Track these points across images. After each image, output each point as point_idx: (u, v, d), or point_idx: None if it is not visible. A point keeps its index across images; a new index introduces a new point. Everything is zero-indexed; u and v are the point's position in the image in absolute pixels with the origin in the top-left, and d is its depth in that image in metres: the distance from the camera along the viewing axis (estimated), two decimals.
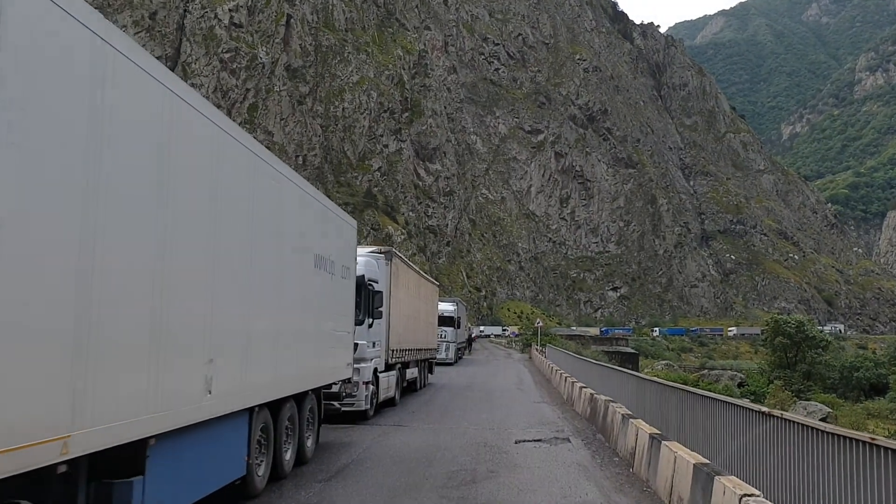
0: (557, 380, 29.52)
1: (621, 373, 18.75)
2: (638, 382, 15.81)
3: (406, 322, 22.72)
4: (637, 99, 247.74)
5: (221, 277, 7.59)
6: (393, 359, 20.21)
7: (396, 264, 20.81)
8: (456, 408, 21.50)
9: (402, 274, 22.11)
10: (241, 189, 8.21)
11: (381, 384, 18.96)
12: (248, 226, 8.32)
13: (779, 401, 45.63)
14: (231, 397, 7.89)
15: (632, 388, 16.13)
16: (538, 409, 21.68)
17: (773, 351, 60.40)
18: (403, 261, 22.64)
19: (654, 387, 13.95)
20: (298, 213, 10.50)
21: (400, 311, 21.33)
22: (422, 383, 27.92)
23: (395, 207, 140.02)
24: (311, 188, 11.33)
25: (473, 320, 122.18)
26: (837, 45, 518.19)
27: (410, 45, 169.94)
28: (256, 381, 8.65)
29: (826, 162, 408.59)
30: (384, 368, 19.24)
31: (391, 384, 20.51)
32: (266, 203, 9.01)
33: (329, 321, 12.08)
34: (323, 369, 12.02)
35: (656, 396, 13.56)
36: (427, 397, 25.04)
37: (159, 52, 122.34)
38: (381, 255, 19.61)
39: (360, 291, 16.05)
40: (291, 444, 10.78)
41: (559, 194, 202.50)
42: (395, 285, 20.52)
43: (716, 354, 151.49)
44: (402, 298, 21.70)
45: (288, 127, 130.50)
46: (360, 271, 16.08)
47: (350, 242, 14.04)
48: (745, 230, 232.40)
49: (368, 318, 16.93)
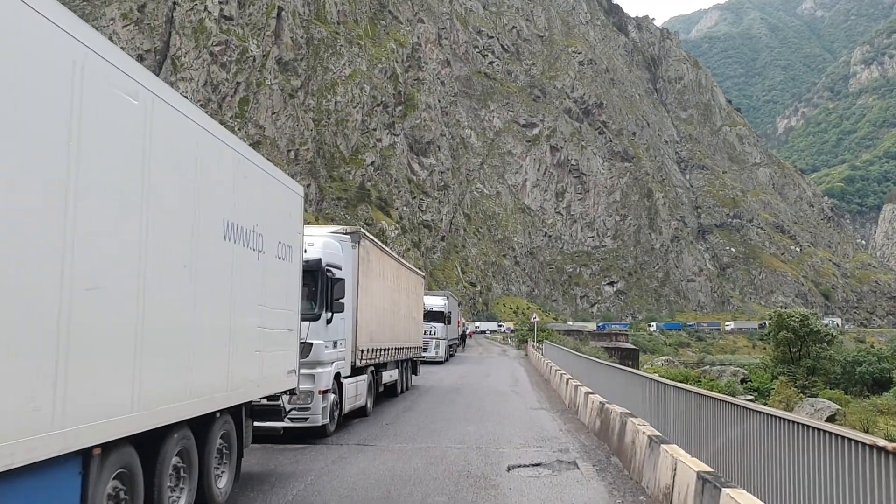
0: (557, 381, 26.39)
1: (635, 376, 15.96)
2: (658, 389, 12.85)
3: (381, 317, 19.41)
4: (632, 92, 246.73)
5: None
6: (363, 360, 16.92)
7: (366, 248, 17.40)
8: (439, 417, 18.36)
9: (376, 260, 18.72)
10: None
11: (347, 392, 15.74)
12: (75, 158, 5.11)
13: (784, 397, 44.06)
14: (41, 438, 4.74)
15: (649, 396, 13.34)
16: (536, 419, 18.72)
17: (776, 346, 58.59)
18: (376, 245, 19.08)
19: (682, 396, 11.11)
20: (183, 150, 7.07)
21: (372, 303, 18.13)
22: (404, 386, 24.64)
23: (389, 202, 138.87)
24: (213, 124, 7.93)
25: (468, 316, 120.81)
26: (832, 38, 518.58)
27: (403, 39, 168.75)
28: (95, 408, 5.37)
29: (822, 155, 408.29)
30: (350, 372, 16.01)
31: (361, 391, 17.26)
32: (119, 127, 5.79)
33: (252, 315, 8.80)
34: (244, 381, 8.60)
35: (684, 407, 10.78)
36: (407, 403, 21.78)
37: (148, 46, 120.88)
38: (347, 237, 16.20)
39: (316, 279, 13.62)
40: (185, 489, 7.49)
41: (555, 188, 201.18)
42: (366, 273, 17.14)
43: (714, 349, 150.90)
44: (375, 289, 18.49)
45: (280, 121, 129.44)
46: (316, 254, 13.62)
47: (292, 213, 10.72)
48: (742, 224, 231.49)
49: (326, 313, 13.88)
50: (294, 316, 10.74)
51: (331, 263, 14.23)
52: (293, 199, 10.87)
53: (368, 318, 17.44)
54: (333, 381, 14.50)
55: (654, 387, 13.24)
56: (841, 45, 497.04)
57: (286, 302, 10.28)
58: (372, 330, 17.94)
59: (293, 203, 10.85)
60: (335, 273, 14.31)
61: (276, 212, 9.91)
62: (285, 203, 10.42)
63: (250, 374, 8.84)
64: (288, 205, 10.55)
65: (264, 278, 9.20)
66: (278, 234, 9.79)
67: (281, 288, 10.03)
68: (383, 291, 19.76)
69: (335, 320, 14.29)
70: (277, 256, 9.72)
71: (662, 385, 12.67)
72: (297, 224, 11.03)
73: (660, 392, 12.63)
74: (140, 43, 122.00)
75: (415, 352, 26.35)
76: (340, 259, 15.08)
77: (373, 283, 18.07)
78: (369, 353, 17.61)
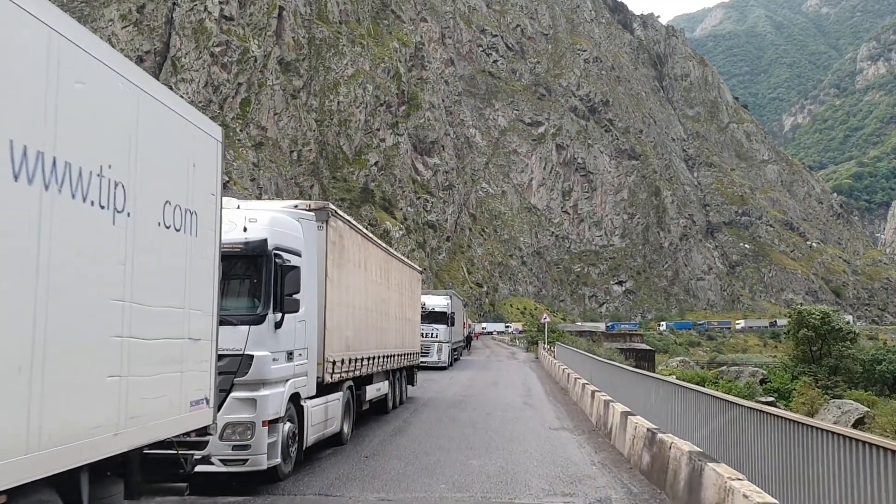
0: (578, 391, 22.48)
1: (679, 388, 12.47)
2: (724, 409, 9.40)
3: (363, 319, 15.67)
4: (639, 90, 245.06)
5: None
6: (335, 375, 13.18)
7: (339, 230, 13.54)
8: (436, 444, 14.45)
9: (354, 248, 14.77)
10: None
11: (311, 417, 12.00)
12: None
13: (808, 399, 41.91)
14: None
15: (711, 417, 9.89)
16: (558, 446, 14.70)
17: (796, 344, 56.18)
18: (355, 228, 15.09)
19: (771, 424, 7.85)
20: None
21: (349, 302, 14.37)
22: (397, 400, 20.83)
23: (393, 203, 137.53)
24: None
25: (475, 317, 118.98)
26: (838, 35, 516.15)
27: (406, 38, 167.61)
28: None
29: (829, 153, 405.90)
30: (315, 392, 12.28)
31: (333, 413, 13.40)
32: None
33: (98, 318, 5.32)
34: (80, 430, 5.13)
35: (776, 440, 7.61)
36: (399, 423, 17.72)
37: (148, 47, 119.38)
38: (310, 215, 12.42)
39: (259, 268, 10.28)
40: None
41: (561, 187, 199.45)
42: (338, 263, 13.44)
43: (725, 348, 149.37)
44: (353, 284, 14.69)
45: (282, 122, 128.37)
46: (259, 233, 10.30)
47: (199, 165, 7.13)
48: (751, 221, 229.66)
49: (274, 313, 10.39)
50: (203, 318, 7.20)
51: (282, 247, 10.77)
52: (201, 144, 7.26)
53: (343, 320, 13.87)
54: (289, 406, 10.97)
55: (719, 406, 9.54)
56: (847, 41, 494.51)
57: (185, 297, 6.76)
58: (348, 336, 14.24)
59: (202, 149, 7.25)
60: (289, 260, 10.87)
61: (163, 155, 6.41)
62: (183, 146, 6.88)
63: (94, 416, 5.29)
64: (190, 150, 6.99)
65: (131, 256, 5.68)
66: (166, 191, 6.38)
67: (172, 274, 6.55)
68: (366, 287, 16.06)
69: (289, 324, 10.80)
70: (164, 224, 6.32)
71: (733, 406, 9.02)
72: (210, 181, 7.42)
73: (730, 414, 8.98)
74: (139, 44, 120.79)
75: (411, 359, 22.61)
76: (299, 242, 11.54)
77: (350, 277, 14.46)
78: (345, 364, 13.89)
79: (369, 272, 16.38)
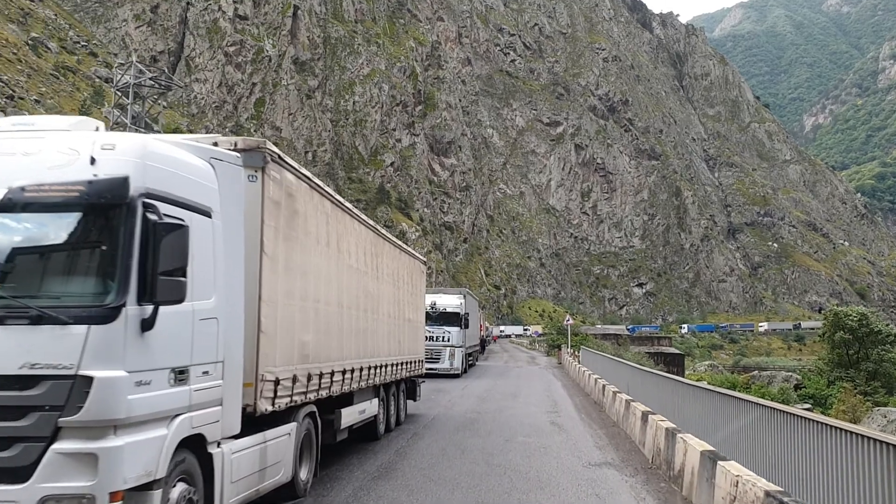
0: (619, 408, 18.58)
1: (813, 423, 7.60)
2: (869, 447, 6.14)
3: (333, 318, 11.23)
4: (658, 89, 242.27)
5: None
6: (280, 400, 8.91)
7: (286, 186, 9.19)
8: (432, 497, 10.45)
9: (314, 215, 10.34)
10: None
11: (233, 470, 7.61)
12: None
13: (849, 406, 39.30)
14: None
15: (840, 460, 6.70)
16: (608, 499, 10.66)
17: (831, 348, 53.59)
18: (315, 186, 10.38)
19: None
20: None
21: (308, 292, 10.01)
22: (391, 421, 16.63)
23: (409, 204, 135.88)
24: None
25: (492, 319, 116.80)
26: (859, 34, 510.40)
27: (423, 37, 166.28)
28: None
29: (851, 153, 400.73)
30: (241, 429, 7.94)
31: (278, 457, 8.91)
32: None
33: None
34: None
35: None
36: (387, 457, 13.32)
37: (161, 47, 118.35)
38: (233, 156, 8.04)
39: (113, 225, 6.16)
40: None
41: (580, 188, 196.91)
42: (284, 234, 9.10)
43: (748, 351, 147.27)
44: (313, 268, 10.26)
45: (296, 122, 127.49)
46: (117, 168, 6.20)
47: None
48: (773, 222, 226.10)
49: (139, 304, 6.17)
50: None
51: (163, 194, 6.55)
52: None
53: (296, 319, 9.57)
54: (181, 458, 6.70)
55: (874, 447, 6.05)
56: (868, 40, 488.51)
57: None
58: (306, 341, 9.91)
59: None
60: (176, 218, 6.64)
61: None
62: None
63: None
64: None
65: None
66: None
67: None
68: (339, 275, 11.66)
69: (172, 322, 6.54)
70: None
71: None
72: None
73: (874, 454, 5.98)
74: (153, 44, 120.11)
75: (411, 368, 18.34)
76: (204, 192, 7.30)
77: (309, 258, 10.06)
78: (299, 383, 9.54)
79: (345, 255, 12.03)
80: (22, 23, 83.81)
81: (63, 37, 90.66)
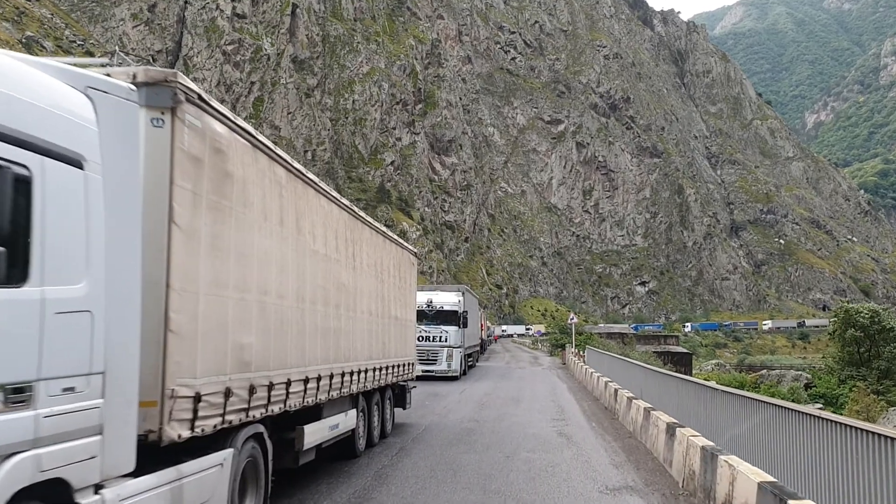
0: (635, 416, 16.94)
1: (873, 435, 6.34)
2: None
3: (288, 314, 8.95)
4: (660, 86, 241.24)
5: None
6: (203, 422, 6.65)
7: (210, 137, 6.88)
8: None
9: (256, 180, 8.00)
10: None
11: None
12: None
13: (864, 406, 38.12)
14: None
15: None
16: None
17: (842, 346, 52.35)
18: (257, 143, 8.04)
19: None
20: None
21: (249, 281, 7.76)
22: (375, 435, 14.69)
23: (410, 203, 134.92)
24: None
25: (494, 319, 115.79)
26: (861, 31, 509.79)
27: (423, 35, 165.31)
28: None
29: (853, 150, 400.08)
30: (132, 468, 5.62)
31: (203, 497, 6.67)
32: None
33: None
34: None
35: None
36: (364, 482, 11.33)
37: (159, 46, 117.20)
38: (126, 89, 5.77)
39: None
40: None
41: (582, 186, 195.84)
42: (208, 200, 6.84)
43: (752, 350, 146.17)
44: (257, 249, 8.01)
45: (296, 121, 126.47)
46: None
47: None
48: (776, 219, 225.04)
49: None
50: None
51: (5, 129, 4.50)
52: None
53: (230, 315, 7.28)
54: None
55: None
56: (870, 37, 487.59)
57: None
58: (245, 344, 7.63)
59: None
60: (19, 163, 4.61)
61: None
62: None
63: None
64: None
65: None
66: None
67: None
68: (297, 261, 9.36)
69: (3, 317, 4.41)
70: None
71: None
72: None
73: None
74: (151, 43, 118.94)
75: (399, 373, 16.27)
76: (64, 126, 5.07)
77: (248, 236, 7.81)
78: (234, 397, 7.31)
79: (307, 237, 9.78)
80: (17, 21, 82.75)
81: (59, 36, 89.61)
